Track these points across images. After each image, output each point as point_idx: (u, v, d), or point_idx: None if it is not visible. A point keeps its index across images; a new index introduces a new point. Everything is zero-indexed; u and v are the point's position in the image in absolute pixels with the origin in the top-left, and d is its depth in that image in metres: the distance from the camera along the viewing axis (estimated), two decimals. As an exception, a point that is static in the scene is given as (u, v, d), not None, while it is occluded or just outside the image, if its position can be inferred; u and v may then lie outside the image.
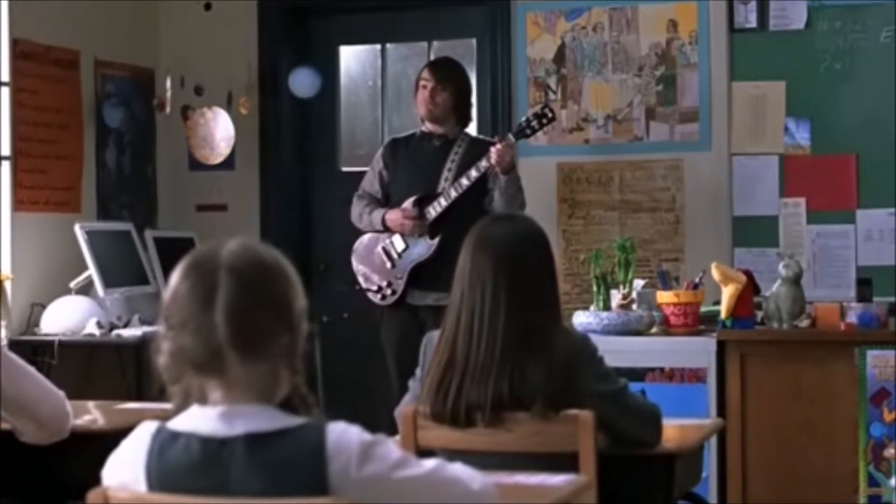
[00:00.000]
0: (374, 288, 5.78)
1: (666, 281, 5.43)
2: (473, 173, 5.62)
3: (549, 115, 5.74)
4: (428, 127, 5.86)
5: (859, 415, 5.00)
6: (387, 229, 5.79)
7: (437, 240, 5.65)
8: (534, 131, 5.77)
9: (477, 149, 5.72)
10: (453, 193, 5.64)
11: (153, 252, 6.45)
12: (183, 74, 6.82)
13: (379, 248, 5.81)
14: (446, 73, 5.89)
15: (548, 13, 6.55)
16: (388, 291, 5.76)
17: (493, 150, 5.57)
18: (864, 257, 6.08)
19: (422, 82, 5.85)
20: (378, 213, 5.81)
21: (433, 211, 5.67)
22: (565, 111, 6.52)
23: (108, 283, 6.13)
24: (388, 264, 5.77)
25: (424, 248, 5.69)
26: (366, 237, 5.88)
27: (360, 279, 5.86)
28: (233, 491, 2.09)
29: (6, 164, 6.02)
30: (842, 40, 6.12)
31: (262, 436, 2.09)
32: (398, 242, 5.76)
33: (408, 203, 5.72)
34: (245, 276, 2.12)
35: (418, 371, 3.42)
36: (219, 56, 6.94)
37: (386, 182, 5.91)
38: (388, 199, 5.88)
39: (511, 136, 5.69)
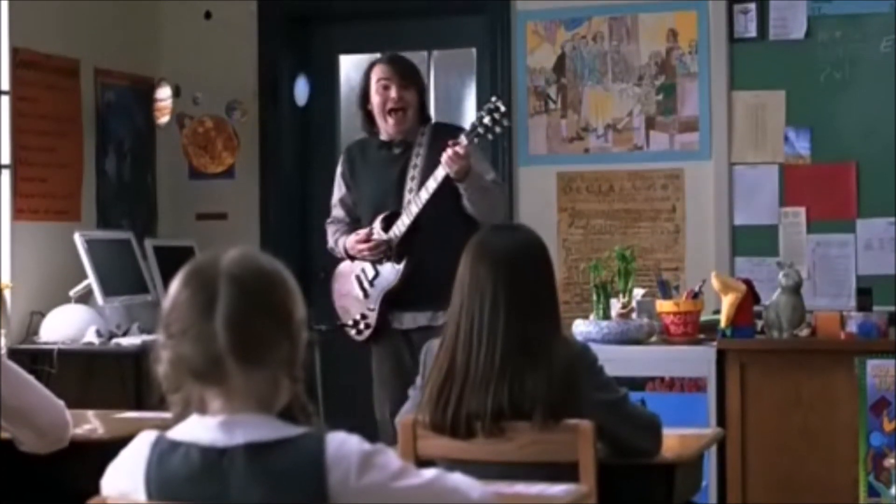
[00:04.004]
0: (351, 322, 5.24)
1: (666, 290, 5.43)
2: (431, 184, 4.97)
3: (501, 108, 4.95)
4: (387, 134, 5.19)
5: (859, 424, 4.99)
6: (351, 257, 5.25)
7: (402, 264, 5.07)
8: (487, 130, 4.95)
9: (441, 140, 5.03)
10: (414, 209, 5.02)
11: (153, 261, 6.45)
12: (183, 83, 6.82)
13: (352, 278, 5.25)
14: (407, 67, 5.21)
15: (548, 22, 6.56)
16: (363, 325, 5.20)
17: (444, 155, 4.89)
18: (863, 266, 6.08)
19: (381, 82, 5.12)
20: (342, 243, 5.25)
21: (397, 231, 5.07)
22: (565, 120, 6.53)
23: (108, 292, 6.13)
24: (361, 294, 5.21)
25: (392, 273, 5.11)
26: (341, 269, 5.36)
27: (340, 314, 5.33)
28: (232, 500, 2.09)
29: (6, 173, 6.01)
30: (842, 50, 6.13)
31: (262, 445, 2.09)
32: (369, 270, 5.20)
33: (375, 224, 5.12)
34: (245, 284, 2.12)
35: (418, 380, 3.42)
36: (219, 65, 6.94)
37: (350, 204, 5.31)
38: (357, 221, 5.29)
39: (464, 138, 4.93)
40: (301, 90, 7.04)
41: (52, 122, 6.30)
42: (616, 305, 5.35)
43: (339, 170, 5.36)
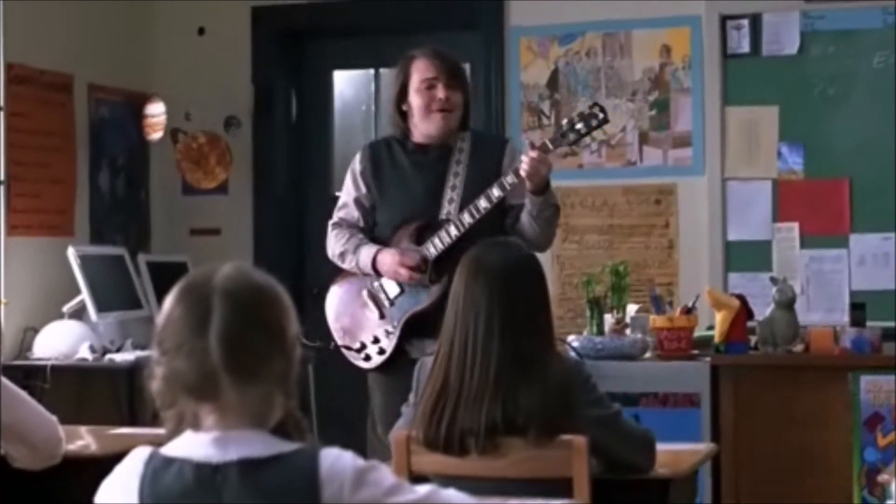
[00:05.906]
0: (357, 346, 4.58)
1: (659, 305, 5.43)
2: (496, 192, 4.37)
3: (600, 115, 4.45)
4: (426, 137, 4.57)
5: (853, 440, 4.99)
6: (377, 273, 4.56)
7: (440, 284, 4.40)
8: (579, 136, 4.48)
9: (485, 150, 4.58)
10: (467, 219, 4.38)
11: (146, 276, 6.45)
12: (177, 99, 6.82)
13: (364, 294, 4.61)
14: (454, 66, 4.58)
15: (541, 38, 6.56)
16: (375, 350, 4.56)
17: (523, 159, 4.32)
18: (857, 282, 6.09)
19: (425, 81, 4.52)
20: (367, 253, 4.54)
21: (433, 247, 4.44)
22: (559, 136, 6.53)
23: (101, 308, 6.12)
24: (376, 313, 4.57)
25: (425, 293, 4.48)
26: (341, 286, 4.73)
27: (338, 336, 4.67)
28: (226, 517, 2.08)
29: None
30: (835, 65, 6.14)
31: (256, 461, 2.09)
32: (390, 286, 4.56)
33: (405, 238, 4.51)
34: (239, 300, 2.12)
35: (412, 396, 3.42)
36: (213, 80, 6.94)
37: (367, 208, 4.63)
38: (372, 227, 4.66)
39: (548, 143, 4.42)
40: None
41: (46, 137, 6.30)
42: (610, 321, 5.35)
43: (356, 167, 4.65)
